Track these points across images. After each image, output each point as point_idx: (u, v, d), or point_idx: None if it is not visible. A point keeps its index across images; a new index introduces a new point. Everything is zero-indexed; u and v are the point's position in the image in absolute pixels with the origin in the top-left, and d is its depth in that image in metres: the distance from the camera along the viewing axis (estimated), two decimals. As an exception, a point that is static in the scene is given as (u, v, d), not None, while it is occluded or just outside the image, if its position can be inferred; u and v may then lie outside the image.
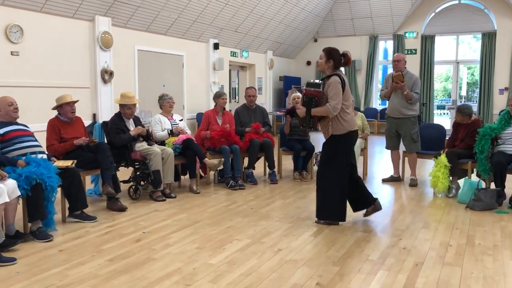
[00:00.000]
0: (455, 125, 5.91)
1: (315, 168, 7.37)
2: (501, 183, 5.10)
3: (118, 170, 5.33)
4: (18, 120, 4.32)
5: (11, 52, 6.67)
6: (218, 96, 6.55)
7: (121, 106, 5.45)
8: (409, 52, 13.93)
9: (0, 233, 3.48)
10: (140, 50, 9.19)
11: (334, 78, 4.21)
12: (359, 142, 6.52)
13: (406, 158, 6.44)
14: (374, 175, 7.11)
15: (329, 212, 4.36)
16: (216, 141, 6.18)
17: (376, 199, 4.57)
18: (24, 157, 4.04)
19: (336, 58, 4.27)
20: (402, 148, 6.41)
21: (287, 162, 7.39)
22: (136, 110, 5.86)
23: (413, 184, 6.21)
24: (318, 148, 8.20)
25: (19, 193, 3.77)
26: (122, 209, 4.85)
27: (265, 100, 14.04)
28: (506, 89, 12.99)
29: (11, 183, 3.71)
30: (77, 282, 3.03)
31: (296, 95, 7.03)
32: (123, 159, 5.37)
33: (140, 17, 8.83)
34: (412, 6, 13.53)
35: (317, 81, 4.37)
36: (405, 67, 6.21)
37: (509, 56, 12.98)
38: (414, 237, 4.01)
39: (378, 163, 8.38)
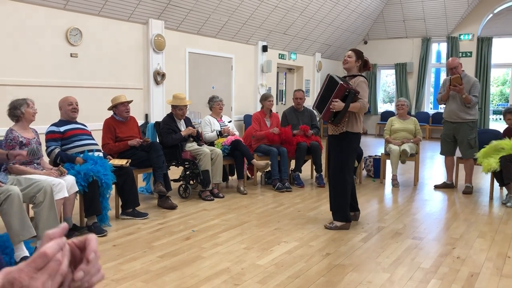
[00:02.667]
0: (506, 132, 5.63)
1: (364, 172, 7.28)
2: None
3: (169, 169, 5.46)
4: (77, 120, 4.52)
5: (71, 54, 6.99)
6: (264, 99, 6.59)
7: (173, 107, 5.59)
8: (463, 55, 13.42)
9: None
10: (191, 53, 9.37)
11: (363, 78, 4.34)
12: (408, 147, 6.36)
13: (461, 165, 6.20)
14: (425, 181, 6.90)
15: (344, 213, 4.30)
16: (278, 137, 6.27)
17: (359, 210, 4.63)
18: (82, 155, 4.23)
19: (363, 61, 4.43)
20: (457, 153, 6.19)
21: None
22: (187, 111, 6.00)
23: (468, 191, 5.97)
24: (367, 152, 8.08)
25: (77, 189, 3.95)
26: (173, 207, 4.97)
27: (313, 103, 13.93)
28: None
29: (70, 179, 3.90)
30: (130, 277, 3.13)
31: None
32: (174, 158, 5.50)
33: (191, 20, 9.01)
34: (468, 7, 13.03)
35: (340, 77, 4.40)
36: (463, 70, 5.98)
37: None
38: (469, 246, 3.86)
39: (429, 169, 8.13)
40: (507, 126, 5.85)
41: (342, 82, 4.22)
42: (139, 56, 8.21)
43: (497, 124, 15.34)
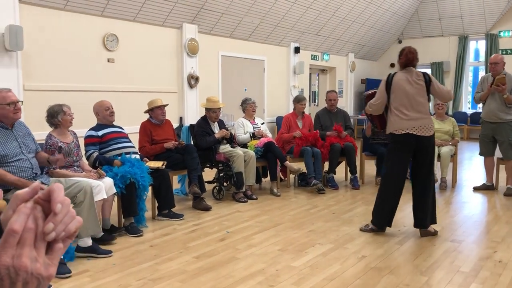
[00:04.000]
0: None
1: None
2: None
3: (203, 171, 5.52)
4: (114, 123, 4.65)
5: (108, 59, 7.19)
6: (297, 101, 6.58)
7: (207, 109, 5.66)
8: (504, 52, 12.95)
9: (99, 227, 3.76)
10: (224, 56, 9.46)
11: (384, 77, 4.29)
12: (448, 149, 6.21)
13: (502, 166, 6.00)
14: (464, 182, 6.71)
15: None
16: (304, 140, 6.20)
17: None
18: (119, 157, 4.34)
19: (399, 58, 4.27)
20: (496, 154, 5.99)
21: (370, 167, 7.21)
22: (220, 114, 6.06)
23: (509, 193, 5.77)
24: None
25: (115, 191, 4.06)
26: (207, 209, 5.02)
27: (346, 104, 13.81)
28: None
29: (108, 181, 4.00)
30: (167, 276, 3.18)
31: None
32: (208, 160, 5.56)
33: (224, 24, 9.10)
34: (508, 3, 12.59)
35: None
36: (504, 69, 5.80)
37: None
38: (511, 250, 3.72)
39: (468, 170, 7.90)
40: None
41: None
42: (173, 60, 8.35)
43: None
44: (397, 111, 4.05)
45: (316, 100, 13.51)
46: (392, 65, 15.15)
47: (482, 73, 13.79)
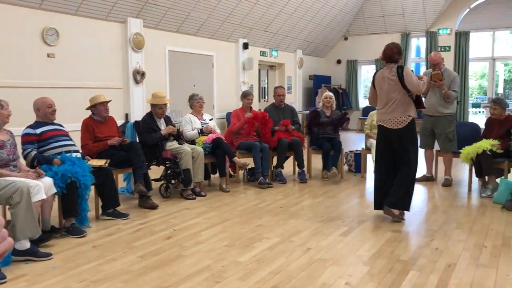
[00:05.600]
0: (488, 123, 5.74)
1: (346, 167, 7.34)
2: (539, 183, 4.92)
3: (150, 169, 5.42)
4: (54, 121, 4.46)
5: (48, 54, 6.88)
6: (244, 96, 6.61)
7: (153, 105, 5.55)
8: (442, 49, 13.58)
9: (37, 229, 3.59)
10: (171, 51, 9.31)
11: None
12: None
13: (440, 158, 6.29)
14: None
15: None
16: (255, 119, 6.30)
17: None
18: (59, 156, 4.17)
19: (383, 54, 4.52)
20: (436, 147, 6.27)
21: (317, 161, 7.35)
22: (167, 110, 5.96)
23: (447, 184, 6.07)
24: (349, 147, 8.13)
25: (55, 191, 3.90)
26: (154, 207, 4.94)
27: (295, 99, 13.99)
28: (545, 86, 12.50)
29: (48, 180, 3.84)
30: (110, 277, 3.10)
31: (327, 94, 7.00)
32: (155, 158, 5.46)
33: (171, 18, 8.95)
34: (446, 2, 13.20)
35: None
36: (443, 64, 6.06)
37: (549, 52, 12.50)
38: (447, 237, 3.92)
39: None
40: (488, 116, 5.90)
41: None
42: (118, 55, 8.12)
43: (476, 117, 15.61)
44: (377, 105, 4.56)
45: (266, 96, 13.59)
46: (339, 61, 15.51)
47: (423, 69, 14.39)
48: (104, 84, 7.76)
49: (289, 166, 6.98)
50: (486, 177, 5.50)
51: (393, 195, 4.38)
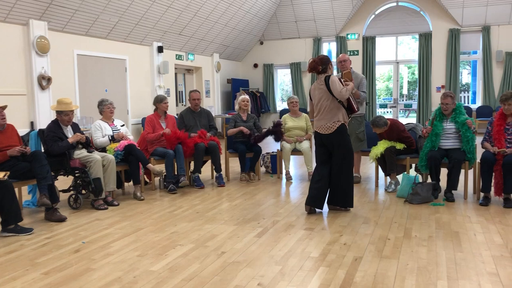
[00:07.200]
0: (378, 135, 6.07)
1: (263, 169, 7.46)
2: (436, 177, 5.35)
3: (57, 179, 5.13)
4: None
5: None
6: (160, 101, 6.44)
7: (58, 112, 5.25)
8: (351, 53, 14.33)
9: None
10: (80, 55, 8.90)
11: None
12: (307, 145, 6.65)
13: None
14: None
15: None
16: (172, 139, 6.13)
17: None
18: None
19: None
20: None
21: (234, 165, 7.40)
22: (77, 117, 5.68)
23: (356, 181, 6.37)
24: (265, 149, 8.28)
25: None
26: (61, 220, 4.67)
27: (214, 103, 13.99)
28: (442, 87, 13.64)
29: None
30: (8, 298, 2.88)
31: (244, 97, 7.07)
32: (62, 167, 5.17)
33: (78, 21, 8.55)
34: (353, 9, 13.93)
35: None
36: (351, 67, 6.36)
37: (444, 56, 13.66)
38: (355, 232, 4.12)
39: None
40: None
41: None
42: (21, 59, 7.61)
43: (384, 117, 16.60)
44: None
45: (184, 100, 13.45)
46: (256, 65, 15.76)
47: (334, 72, 15.03)
48: (5, 91, 7.24)
49: (207, 170, 6.95)
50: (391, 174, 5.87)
51: (332, 195, 4.84)
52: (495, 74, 13.31)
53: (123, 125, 6.13)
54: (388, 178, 6.11)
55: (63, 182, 5.44)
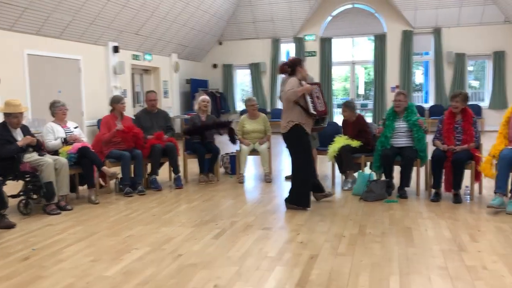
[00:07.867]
0: (343, 123, 6.23)
1: (222, 170, 7.44)
2: (389, 175, 5.51)
3: (6, 184, 4.92)
4: None
5: None
6: (117, 101, 6.30)
7: (6, 115, 5.04)
8: (309, 54, 14.52)
9: None
10: (31, 55, 8.58)
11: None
12: (265, 146, 6.67)
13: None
14: (279, 173, 7.31)
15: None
16: (129, 136, 6.02)
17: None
18: None
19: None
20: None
21: (193, 166, 7.33)
22: (27, 119, 5.46)
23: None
24: (225, 150, 8.25)
25: None
26: (10, 226, 4.48)
27: (172, 104, 13.83)
28: (397, 87, 14.04)
29: None
30: (-50, 311, 2.73)
31: (204, 97, 7.02)
32: (11, 171, 4.97)
33: (29, 19, 8.24)
34: (310, 10, 14.12)
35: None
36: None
37: (398, 57, 14.08)
38: (311, 230, 4.17)
39: (282, 162, 8.62)
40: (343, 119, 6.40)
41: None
42: (-35, 59, 7.25)
43: (341, 117, 16.96)
44: None
45: (141, 101, 13.20)
46: (215, 65, 15.70)
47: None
48: None
49: (165, 172, 6.86)
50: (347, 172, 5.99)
51: (289, 193, 5.00)
52: (446, 74, 13.85)
53: (76, 127, 5.95)
54: (343, 177, 6.23)
55: (12, 187, 5.22)
